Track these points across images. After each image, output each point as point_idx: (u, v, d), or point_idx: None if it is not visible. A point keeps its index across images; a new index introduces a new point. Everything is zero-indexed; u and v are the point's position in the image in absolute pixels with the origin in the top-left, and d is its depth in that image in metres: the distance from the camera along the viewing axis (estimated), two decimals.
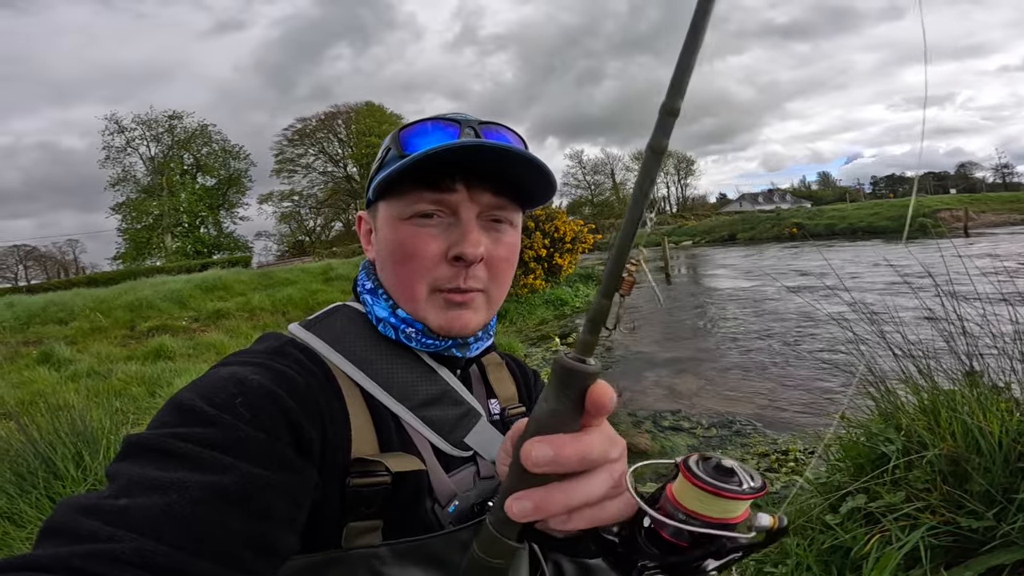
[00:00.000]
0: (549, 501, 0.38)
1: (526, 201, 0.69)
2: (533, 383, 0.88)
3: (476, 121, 0.65)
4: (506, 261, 0.67)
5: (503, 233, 0.67)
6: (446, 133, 0.63)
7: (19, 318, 10.73)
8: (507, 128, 0.68)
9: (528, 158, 0.61)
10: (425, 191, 0.62)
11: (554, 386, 0.37)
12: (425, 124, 0.64)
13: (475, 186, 0.63)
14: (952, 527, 1.57)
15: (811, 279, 7.47)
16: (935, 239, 2.70)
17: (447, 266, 0.63)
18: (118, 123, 45.95)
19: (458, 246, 0.62)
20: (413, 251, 0.63)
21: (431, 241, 0.63)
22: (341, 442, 0.59)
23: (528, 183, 0.65)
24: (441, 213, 0.63)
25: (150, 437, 0.48)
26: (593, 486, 0.39)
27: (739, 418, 4.09)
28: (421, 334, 0.66)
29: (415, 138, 0.64)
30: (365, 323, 0.69)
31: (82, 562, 0.36)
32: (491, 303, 0.68)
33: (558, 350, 7.29)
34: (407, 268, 0.64)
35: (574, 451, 0.37)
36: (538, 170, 0.63)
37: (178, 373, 6.47)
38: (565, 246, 11.87)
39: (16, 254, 51.83)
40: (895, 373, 2.17)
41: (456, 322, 0.65)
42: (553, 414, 0.37)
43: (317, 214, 57.62)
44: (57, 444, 2.73)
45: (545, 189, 0.66)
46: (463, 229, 0.62)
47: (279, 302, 12.11)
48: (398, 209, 0.64)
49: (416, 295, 0.64)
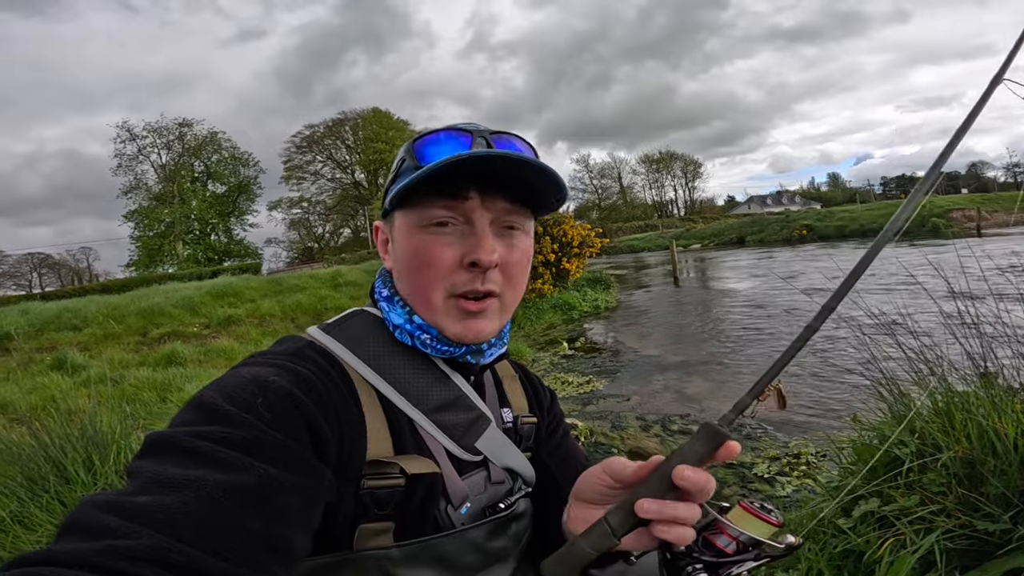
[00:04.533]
0: (668, 509, 0.53)
1: (538, 207, 0.70)
2: (548, 400, 0.89)
3: (487, 131, 0.67)
4: (520, 266, 0.69)
5: (516, 239, 0.68)
6: (459, 143, 0.65)
7: (33, 325, 10.85)
8: (517, 137, 0.69)
9: (539, 166, 0.62)
10: (439, 200, 0.63)
11: (703, 438, 0.54)
12: (438, 134, 0.66)
13: (488, 194, 0.64)
14: (968, 530, 1.54)
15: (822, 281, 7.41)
16: (949, 239, 2.67)
17: (463, 272, 0.65)
18: (130, 131, 46.63)
19: (473, 253, 0.63)
20: (429, 259, 0.64)
21: (447, 249, 0.64)
22: (357, 444, 0.60)
23: (540, 190, 0.66)
24: (455, 221, 0.64)
25: (171, 435, 0.49)
26: (692, 511, 0.54)
27: (749, 421, 4.05)
28: (436, 340, 0.67)
29: (428, 148, 0.65)
30: (383, 328, 0.70)
31: (99, 558, 0.37)
32: (505, 309, 0.70)
33: (567, 354, 7.27)
34: (424, 275, 0.65)
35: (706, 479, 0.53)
36: (549, 178, 0.64)
37: (189, 379, 6.52)
38: (573, 250, 11.86)
39: (30, 262, 52.53)
40: (908, 375, 2.15)
41: (471, 331, 0.66)
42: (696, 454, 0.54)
43: (326, 220, 58.06)
44: (68, 448, 2.75)
45: (556, 195, 0.67)
46: (477, 236, 0.64)
47: (289, 308, 12.17)
48: (414, 218, 0.65)
49: (433, 302, 0.66)
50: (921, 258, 2.45)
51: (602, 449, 3.91)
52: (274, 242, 56.83)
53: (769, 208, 63.52)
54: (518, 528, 0.72)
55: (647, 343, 7.51)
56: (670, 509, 0.53)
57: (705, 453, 0.53)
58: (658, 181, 78.09)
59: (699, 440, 0.54)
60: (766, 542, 0.54)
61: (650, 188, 78.08)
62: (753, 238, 33.35)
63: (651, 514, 0.53)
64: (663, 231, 47.88)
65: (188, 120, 48.28)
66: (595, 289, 12.89)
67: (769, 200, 73.23)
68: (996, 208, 30.90)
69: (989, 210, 29.42)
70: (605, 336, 8.47)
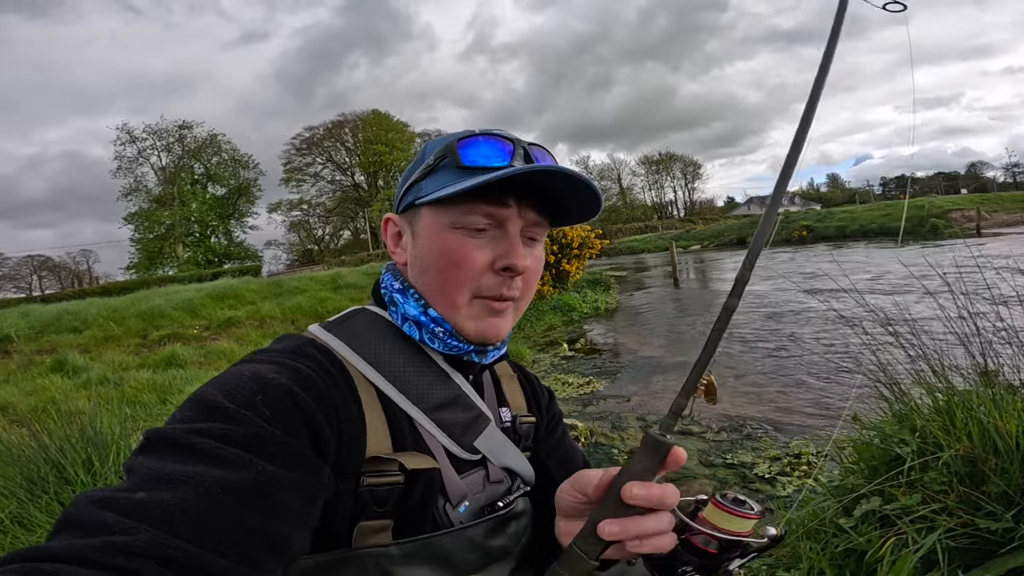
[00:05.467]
0: (631, 528, 0.52)
1: (560, 219, 0.73)
2: (546, 400, 0.89)
3: (525, 142, 0.69)
4: (536, 274, 0.72)
5: (535, 248, 0.71)
6: (501, 150, 0.66)
7: (33, 327, 10.84)
8: (546, 150, 0.71)
9: (586, 183, 0.65)
10: (482, 203, 0.65)
11: (646, 450, 0.52)
12: (477, 139, 0.66)
13: (524, 203, 0.66)
14: (970, 529, 1.54)
15: (822, 281, 7.42)
16: (948, 239, 2.67)
17: (492, 275, 0.66)
18: (130, 133, 46.64)
19: (507, 258, 0.65)
20: (461, 260, 0.65)
21: (478, 252, 0.65)
22: (357, 441, 0.60)
23: (568, 206, 0.70)
24: (490, 226, 0.66)
25: (170, 431, 0.48)
26: (660, 522, 0.53)
27: (750, 422, 4.05)
28: (448, 335, 0.68)
29: (472, 150, 0.66)
30: (384, 326, 0.70)
31: (96, 554, 0.37)
32: (518, 312, 0.72)
33: (567, 355, 7.27)
34: (452, 275, 0.66)
35: (660, 492, 0.52)
36: (591, 192, 0.66)
37: (189, 380, 6.52)
38: (573, 252, 11.87)
39: (30, 264, 52.50)
40: (909, 374, 2.14)
41: (491, 329, 0.68)
42: (644, 468, 0.52)
43: (326, 223, 58.12)
44: (67, 449, 2.75)
45: (589, 210, 0.71)
46: (510, 242, 0.66)
47: (289, 310, 12.17)
48: (447, 217, 0.66)
49: (457, 302, 0.66)
50: (921, 258, 2.45)
51: (602, 450, 3.91)
52: (274, 244, 56.93)
53: None
54: (517, 527, 0.71)
55: (647, 344, 7.51)
56: (634, 528, 0.52)
57: (652, 465, 0.52)
58: (658, 182, 78.12)
59: (644, 453, 0.53)
60: (746, 539, 0.53)
61: (650, 189, 78.13)
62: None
63: (615, 536, 0.52)
64: (663, 232, 47.87)
65: (188, 122, 48.38)
66: (595, 290, 12.88)
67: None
68: (996, 208, 30.95)
69: (988, 210, 29.44)
70: (605, 337, 8.47)
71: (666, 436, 0.52)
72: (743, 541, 0.53)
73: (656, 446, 0.52)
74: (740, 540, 0.53)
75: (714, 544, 0.54)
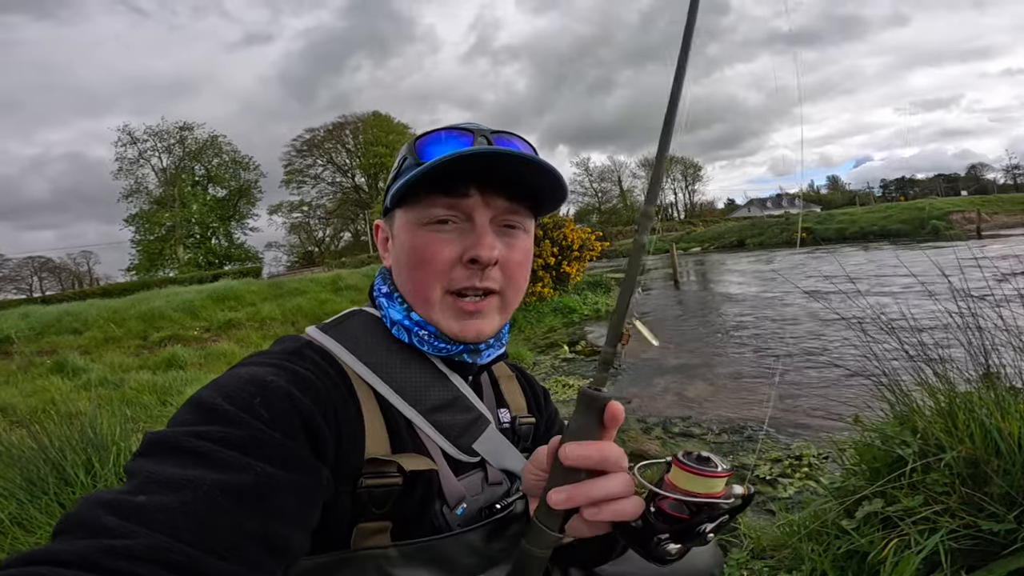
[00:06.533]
0: (578, 492, 0.49)
1: (538, 208, 0.71)
2: (544, 400, 0.89)
3: (488, 130, 0.67)
4: (520, 266, 0.69)
5: (516, 238, 0.68)
6: (460, 142, 0.65)
7: (33, 328, 10.84)
8: (518, 136, 0.70)
9: (538, 163, 0.62)
10: (440, 197, 0.64)
11: (581, 408, 0.50)
12: (439, 133, 0.66)
13: (489, 192, 0.65)
14: (972, 530, 1.53)
15: (823, 283, 7.42)
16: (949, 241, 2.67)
17: (461, 269, 0.65)
18: (131, 134, 46.65)
19: (473, 249, 0.63)
20: (429, 256, 0.64)
21: (445, 246, 0.64)
22: (355, 443, 0.60)
23: (540, 189, 0.67)
24: (456, 219, 0.65)
25: (170, 434, 0.48)
26: (611, 484, 0.50)
27: (751, 424, 4.04)
28: (434, 337, 0.67)
29: (430, 147, 0.66)
30: (381, 328, 0.70)
31: (98, 557, 0.37)
32: (505, 307, 0.70)
33: (567, 357, 7.26)
34: (422, 272, 0.65)
35: (596, 450, 0.50)
36: (548, 175, 0.64)
37: (189, 382, 6.51)
38: (573, 254, 11.86)
39: (31, 265, 52.48)
40: (910, 375, 2.14)
41: (470, 330, 0.66)
42: (581, 427, 0.50)
43: (326, 224, 58.11)
44: (67, 451, 2.74)
45: (557, 194, 0.68)
46: (477, 233, 0.64)
47: (289, 312, 12.17)
48: (414, 215, 0.66)
49: (430, 298, 0.66)
50: (921, 257, 2.44)
51: None
52: (274, 246, 56.94)
53: (769, 211, 63.49)
54: (517, 530, 0.71)
55: (647, 345, 7.50)
56: (582, 493, 0.50)
57: (589, 423, 0.50)
58: None
59: (579, 410, 0.50)
60: (715, 501, 0.49)
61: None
62: (753, 241, 33.36)
63: (562, 504, 0.50)
64: (663, 234, 47.86)
65: (189, 124, 48.40)
66: (595, 292, 12.87)
67: (769, 203, 73.19)
68: (996, 210, 30.95)
69: (989, 212, 29.44)
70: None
71: (601, 390, 0.50)
72: (712, 503, 0.49)
73: (590, 401, 0.49)
74: (708, 502, 0.49)
75: (685, 509, 0.50)
